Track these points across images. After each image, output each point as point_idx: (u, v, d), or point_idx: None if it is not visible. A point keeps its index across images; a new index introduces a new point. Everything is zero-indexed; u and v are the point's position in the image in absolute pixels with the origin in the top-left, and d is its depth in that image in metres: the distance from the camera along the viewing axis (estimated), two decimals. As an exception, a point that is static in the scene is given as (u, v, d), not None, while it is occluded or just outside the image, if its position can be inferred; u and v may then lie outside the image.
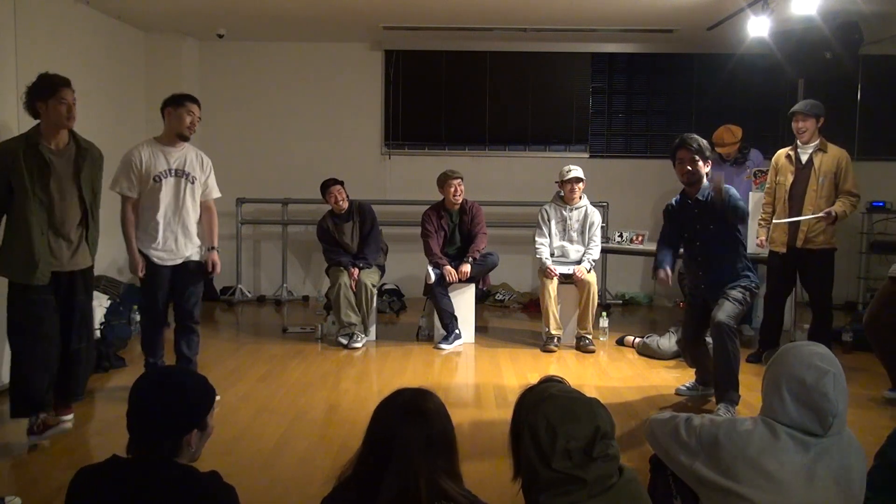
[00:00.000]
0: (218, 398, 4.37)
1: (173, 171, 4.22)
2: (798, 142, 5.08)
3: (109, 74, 6.44)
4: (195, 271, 4.34)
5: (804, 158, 5.04)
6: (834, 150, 4.99)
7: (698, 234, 4.21)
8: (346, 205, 5.88)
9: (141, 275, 4.19)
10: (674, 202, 4.37)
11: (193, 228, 4.33)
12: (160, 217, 4.18)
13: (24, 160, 3.52)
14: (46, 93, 3.56)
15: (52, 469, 3.31)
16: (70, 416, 3.80)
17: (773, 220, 5.30)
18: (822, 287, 5.09)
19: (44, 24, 5.25)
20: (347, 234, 5.91)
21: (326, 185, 5.91)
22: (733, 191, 4.06)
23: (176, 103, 4.22)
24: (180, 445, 1.78)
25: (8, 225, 3.59)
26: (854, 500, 1.95)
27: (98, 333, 5.16)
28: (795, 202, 5.04)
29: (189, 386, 1.84)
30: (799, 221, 4.99)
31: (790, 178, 5.08)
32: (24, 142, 3.58)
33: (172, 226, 4.23)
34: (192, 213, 4.31)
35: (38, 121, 3.62)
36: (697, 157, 4.12)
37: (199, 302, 4.42)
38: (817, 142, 5.02)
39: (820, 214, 4.89)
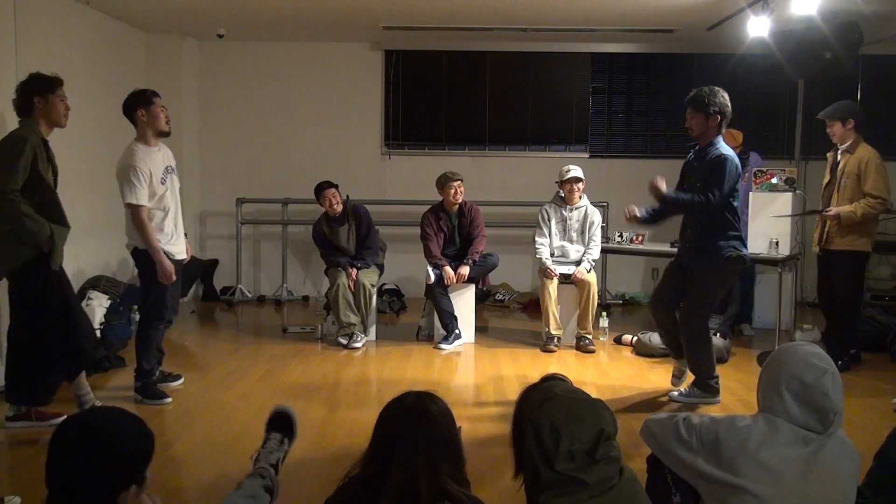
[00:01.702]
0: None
1: (169, 169, 4.25)
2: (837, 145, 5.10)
3: (109, 74, 6.44)
4: (182, 269, 4.47)
5: (838, 160, 5.05)
6: (860, 152, 4.93)
7: (692, 186, 4.17)
8: (339, 208, 5.82)
9: (174, 279, 4.18)
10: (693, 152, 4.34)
11: None
12: (171, 216, 4.24)
13: (44, 154, 3.59)
14: (46, 88, 3.60)
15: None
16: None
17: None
18: (838, 289, 5.05)
19: (44, 24, 5.25)
20: (343, 238, 5.88)
21: (320, 189, 5.82)
22: (728, 163, 4.01)
23: (147, 103, 4.13)
24: None
25: (42, 212, 3.60)
26: (846, 497, 1.97)
27: (98, 333, 5.17)
28: (826, 203, 5.08)
29: (122, 429, 1.54)
30: (825, 221, 5.00)
31: (826, 179, 5.13)
32: (35, 134, 3.59)
33: (178, 221, 4.32)
34: None
35: (22, 118, 3.63)
36: (691, 111, 4.13)
37: None
38: (849, 143, 4.97)
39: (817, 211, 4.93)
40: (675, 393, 4.36)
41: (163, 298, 4.22)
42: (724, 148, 4.09)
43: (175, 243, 4.27)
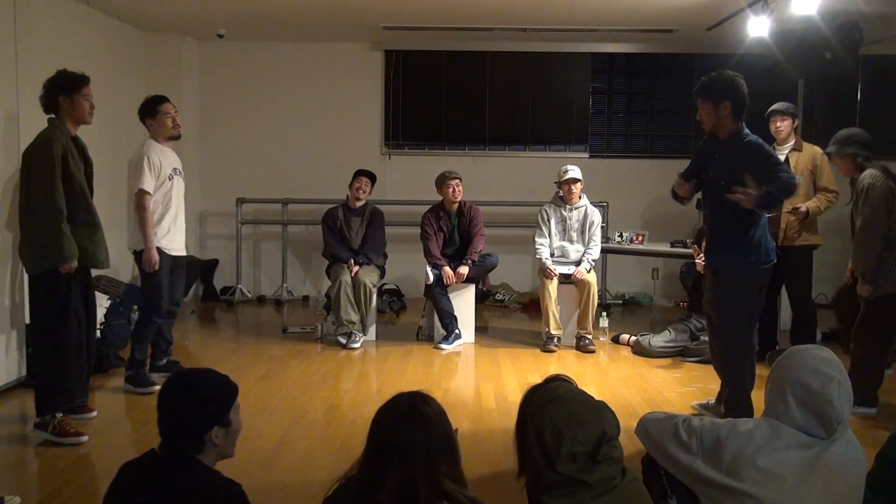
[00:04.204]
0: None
1: (176, 171, 4.52)
2: (775, 143, 5.11)
3: (109, 74, 6.43)
4: (185, 265, 4.73)
5: (781, 158, 4.98)
6: (809, 149, 5.07)
7: (712, 181, 3.67)
8: (364, 198, 6.01)
9: (157, 268, 4.35)
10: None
11: None
12: (171, 214, 4.47)
13: (75, 153, 3.65)
14: (71, 88, 3.66)
15: (52, 469, 3.30)
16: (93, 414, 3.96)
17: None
18: (800, 285, 5.11)
19: (44, 24, 5.25)
20: (354, 229, 5.97)
21: (358, 173, 6.05)
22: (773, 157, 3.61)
23: (153, 113, 4.42)
24: (203, 443, 1.89)
25: (71, 215, 3.61)
26: (852, 498, 1.96)
27: (98, 333, 5.16)
28: None
29: (203, 385, 1.94)
30: (778, 221, 4.95)
31: None
32: (65, 133, 3.63)
33: (178, 219, 4.53)
34: None
35: (49, 115, 3.68)
36: (699, 101, 3.72)
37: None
38: (793, 141, 5.09)
39: (794, 209, 4.91)
40: None
41: (159, 292, 4.41)
42: (754, 136, 3.63)
43: (171, 240, 4.48)
